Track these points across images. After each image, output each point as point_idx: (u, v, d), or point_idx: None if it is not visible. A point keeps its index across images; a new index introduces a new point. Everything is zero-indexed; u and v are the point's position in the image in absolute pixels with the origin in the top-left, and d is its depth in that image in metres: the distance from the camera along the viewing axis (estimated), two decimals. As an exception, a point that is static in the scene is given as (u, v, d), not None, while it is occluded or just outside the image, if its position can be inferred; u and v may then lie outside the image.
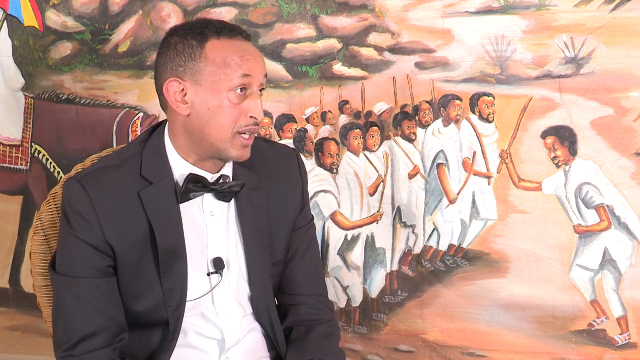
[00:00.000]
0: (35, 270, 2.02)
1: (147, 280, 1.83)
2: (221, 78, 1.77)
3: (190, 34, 1.80)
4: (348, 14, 2.53)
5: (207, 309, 1.89)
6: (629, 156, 2.38)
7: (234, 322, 1.91)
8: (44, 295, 2.02)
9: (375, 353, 2.69)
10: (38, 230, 2.03)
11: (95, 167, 1.88)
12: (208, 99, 1.78)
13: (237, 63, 1.77)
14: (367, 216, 2.65)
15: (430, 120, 2.55)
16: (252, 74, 1.78)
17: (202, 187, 1.84)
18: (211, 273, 1.88)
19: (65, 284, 1.83)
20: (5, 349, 3.03)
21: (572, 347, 2.50)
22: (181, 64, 1.79)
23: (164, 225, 1.82)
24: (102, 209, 1.80)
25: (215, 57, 1.77)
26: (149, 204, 1.82)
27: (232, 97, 1.77)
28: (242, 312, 1.93)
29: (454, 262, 2.59)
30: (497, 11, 2.41)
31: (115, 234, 1.80)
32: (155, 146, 1.87)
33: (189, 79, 1.79)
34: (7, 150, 2.93)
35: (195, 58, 1.78)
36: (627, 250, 2.43)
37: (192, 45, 1.79)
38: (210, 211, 1.88)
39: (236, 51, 1.78)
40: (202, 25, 1.81)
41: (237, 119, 1.79)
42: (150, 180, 1.84)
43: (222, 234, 1.90)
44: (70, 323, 1.81)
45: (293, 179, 2.01)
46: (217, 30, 1.79)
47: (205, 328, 1.90)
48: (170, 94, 1.81)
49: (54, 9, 2.78)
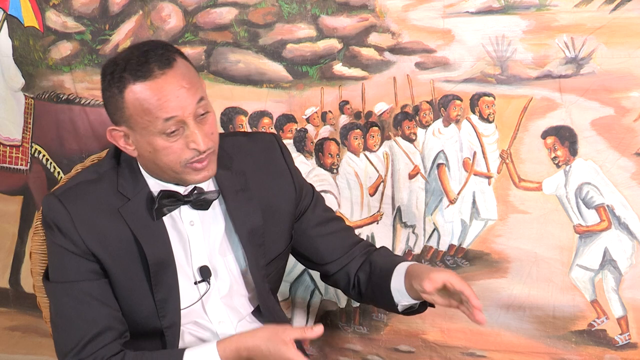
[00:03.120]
0: (35, 270, 2.03)
1: (138, 292, 1.84)
2: (147, 124, 1.73)
3: (114, 78, 1.75)
4: (348, 14, 2.53)
5: (200, 316, 1.90)
6: (629, 156, 2.37)
7: (228, 326, 1.91)
8: (44, 295, 2.02)
9: (375, 353, 2.69)
10: (38, 230, 2.03)
11: (72, 183, 1.89)
12: (145, 144, 1.77)
13: (156, 107, 1.72)
14: (367, 216, 2.65)
15: (430, 120, 2.55)
16: (175, 114, 1.73)
17: (175, 200, 1.83)
18: (198, 282, 1.88)
19: (62, 291, 1.83)
20: (5, 349, 3.03)
21: (572, 347, 2.50)
22: (112, 112, 1.79)
23: (150, 237, 1.83)
24: (81, 223, 1.81)
25: (135, 105, 1.73)
26: (130, 218, 1.83)
27: (165, 139, 1.75)
28: (236, 315, 1.93)
29: (454, 262, 2.59)
30: (497, 11, 2.41)
31: (98, 246, 1.81)
32: (129, 162, 1.87)
33: (124, 126, 1.78)
34: (7, 150, 2.93)
35: (120, 107, 1.75)
36: (627, 250, 2.43)
37: (114, 94, 1.76)
38: (189, 221, 1.88)
39: (153, 94, 1.72)
40: (122, 67, 1.75)
41: (179, 156, 1.76)
42: (127, 195, 1.84)
43: (205, 242, 1.90)
44: (74, 327, 1.81)
45: (280, 169, 2.00)
46: (133, 72, 1.73)
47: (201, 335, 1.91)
48: (115, 140, 1.81)
49: (54, 9, 2.78)
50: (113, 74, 1.76)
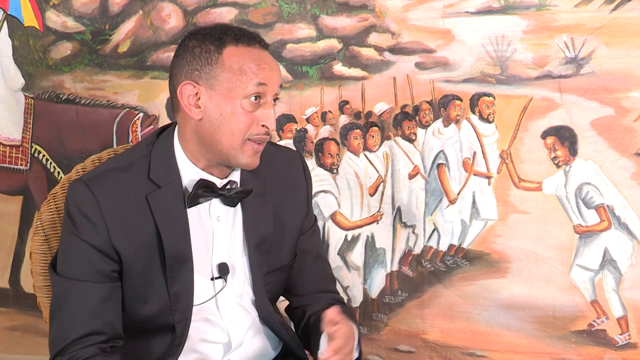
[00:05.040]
0: (35, 270, 2.02)
1: (153, 284, 1.83)
2: (236, 85, 1.76)
3: (209, 38, 1.79)
4: (348, 14, 2.53)
5: (212, 313, 1.89)
6: (629, 156, 2.38)
7: (240, 325, 1.91)
8: (44, 295, 2.02)
9: (375, 353, 2.69)
10: (38, 230, 2.02)
11: (101, 169, 1.86)
12: (221, 105, 1.77)
13: (253, 71, 1.76)
14: (367, 216, 2.65)
15: (430, 120, 2.55)
16: (267, 83, 1.77)
17: (210, 192, 1.83)
18: (215, 278, 1.88)
19: (66, 286, 1.82)
20: (5, 349, 3.03)
21: (572, 347, 2.50)
22: (197, 67, 1.78)
23: (171, 229, 1.82)
24: (109, 211, 1.79)
25: (231, 63, 1.76)
26: (157, 207, 1.81)
27: (245, 105, 1.77)
28: (247, 316, 1.93)
29: (454, 262, 2.59)
30: (497, 11, 2.41)
31: (121, 237, 1.80)
32: (164, 149, 1.86)
33: (203, 83, 1.78)
34: (7, 150, 2.93)
35: (212, 63, 1.77)
36: (627, 250, 2.43)
37: (210, 50, 1.77)
38: (217, 216, 1.88)
39: (253, 59, 1.77)
40: (220, 30, 1.80)
41: (248, 127, 1.78)
42: (158, 183, 1.83)
43: (228, 239, 1.89)
44: (67, 324, 1.81)
45: (298, 185, 2.00)
46: (235, 36, 1.78)
47: (210, 333, 1.90)
48: (183, 96, 1.79)
49: (54, 9, 2.78)
50: (209, 35, 1.79)
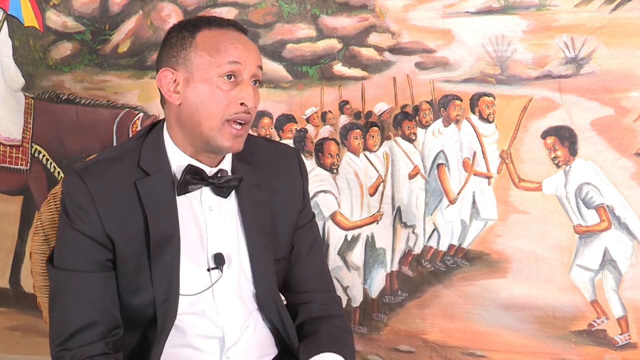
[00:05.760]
0: (35, 270, 2.03)
1: (143, 273, 1.83)
2: (210, 64, 1.79)
3: (185, 26, 1.84)
4: (348, 14, 2.53)
5: (208, 305, 1.89)
6: (629, 156, 2.38)
7: (235, 319, 1.91)
8: (44, 295, 2.02)
9: (375, 353, 2.69)
10: (38, 230, 2.03)
11: (93, 160, 1.89)
12: (198, 87, 1.80)
13: (226, 49, 1.79)
14: (367, 216, 2.64)
15: (430, 120, 2.55)
16: (240, 61, 1.79)
17: (200, 179, 1.84)
18: (211, 268, 1.88)
19: (62, 278, 1.83)
20: (5, 349, 3.03)
21: (572, 347, 2.50)
22: (173, 54, 1.83)
23: (159, 216, 1.83)
24: (100, 200, 1.80)
25: (204, 44, 1.80)
26: (145, 194, 1.83)
27: (220, 84, 1.79)
28: (244, 309, 1.93)
29: (454, 262, 2.59)
30: (497, 11, 2.41)
31: (114, 225, 1.81)
32: (154, 140, 1.89)
33: (180, 69, 1.81)
34: (7, 150, 2.93)
35: (186, 47, 1.81)
36: (627, 250, 2.43)
37: (185, 37, 1.82)
38: (208, 206, 1.88)
39: (226, 38, 1.81)
40: (197, 18, 1.86)
41: (226, 106, 1.79)
42: (148, 171, 1.85)
43: (222, 230, 1.90)
44: (65, 316, 1.81)
45: (294, 177, 2.01)
46: (209, 21, 1.84)
47: (205, 327, 1.90)
48: (163, 84, 1.84)
49: (54, 9, 2.78)
50: (185, 24, 1.85)
